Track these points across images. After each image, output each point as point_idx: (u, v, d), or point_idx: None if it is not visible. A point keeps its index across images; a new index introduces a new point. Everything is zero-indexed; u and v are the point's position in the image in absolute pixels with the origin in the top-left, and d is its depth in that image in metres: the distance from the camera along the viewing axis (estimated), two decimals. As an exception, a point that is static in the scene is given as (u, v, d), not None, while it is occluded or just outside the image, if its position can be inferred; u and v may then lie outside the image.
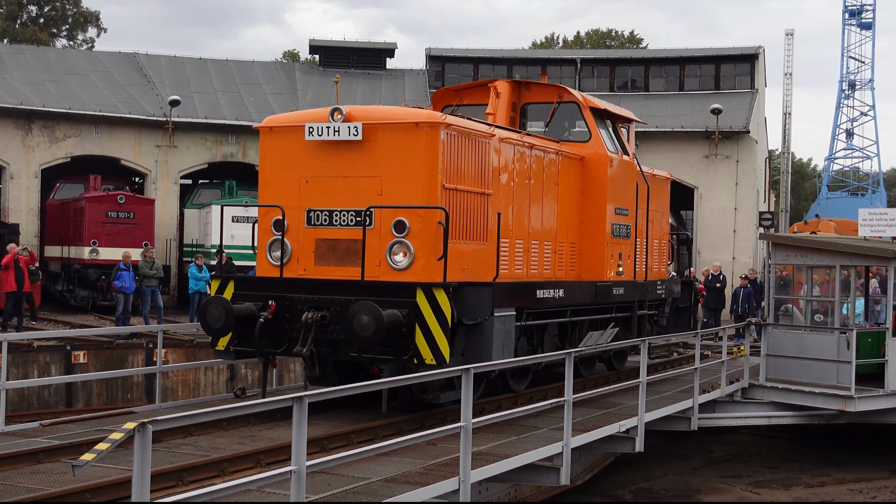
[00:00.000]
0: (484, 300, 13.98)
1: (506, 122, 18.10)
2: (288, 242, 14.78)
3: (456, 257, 14.24)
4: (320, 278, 14.42)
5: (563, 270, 17.64)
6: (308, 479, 9.20)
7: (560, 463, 12.79)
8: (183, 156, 43.28)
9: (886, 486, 19.91)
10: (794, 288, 22.88)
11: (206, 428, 13.38)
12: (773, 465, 21.63)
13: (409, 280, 13.76)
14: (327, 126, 14.26)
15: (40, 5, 69.00)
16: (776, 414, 20.30)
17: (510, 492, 15.76)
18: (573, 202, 17.87)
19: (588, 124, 18.09)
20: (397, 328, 13.36)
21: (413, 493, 10.30)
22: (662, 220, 21.89)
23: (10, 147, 40.20)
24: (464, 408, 10.69)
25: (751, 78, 49.04)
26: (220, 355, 15.18)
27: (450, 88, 19.76)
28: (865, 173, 65.91)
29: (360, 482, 10.58)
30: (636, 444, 15.19)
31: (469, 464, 10.74)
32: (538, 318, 16.38)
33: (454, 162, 14.38)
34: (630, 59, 51.16)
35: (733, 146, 43.95)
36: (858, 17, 63.30)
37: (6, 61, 44.42)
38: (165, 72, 47.01)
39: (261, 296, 14.44)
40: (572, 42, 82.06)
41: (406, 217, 13.93)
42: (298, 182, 14.75)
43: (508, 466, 12.10)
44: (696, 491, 19.17)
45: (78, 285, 35.68)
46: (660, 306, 21.06)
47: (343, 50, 52.01)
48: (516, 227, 16.15)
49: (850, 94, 64.49)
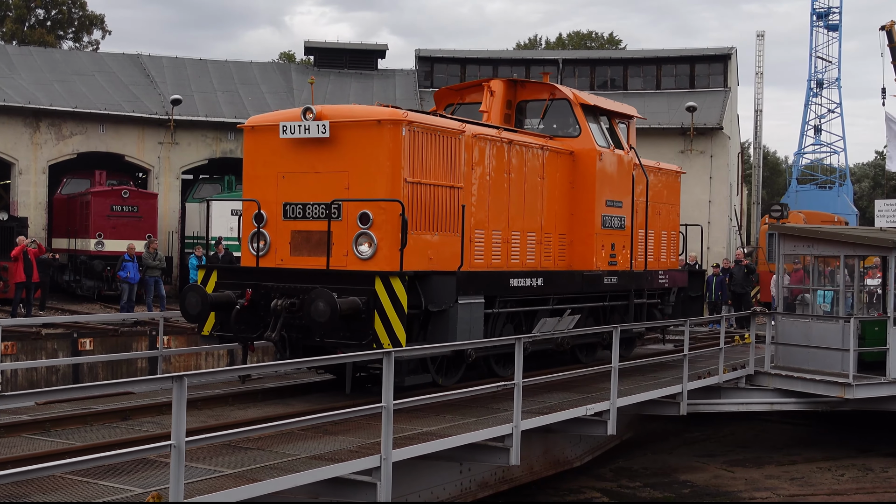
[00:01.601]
0: (448, 288, 14.13)
1: (500, 119, 18.18)
2: (267, 234, 15.13)
3: (422, 247, 14.50)
4: (292, 268, 14.70)
5: (550, 260, 17.62)
6: (236, 454, 10.06)
7: (510, 444, 12.78)
8: (184, 152, 43.33)
9: (853, 463, 19.96)
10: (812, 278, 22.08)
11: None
12: (744, 444, 21.67)
13: (372, 269, 13.94)
14: (299, 125, 14.53)
15: (47, 9, 68.81)
16: (778, 400, 19.97)
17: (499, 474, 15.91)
18: (562, 195, 17.83)
19: (578, 120, 18.06)
20: (357, 314, 13.56)
21: (331, 467, 10.40)
22: (671, 212, 21.67)
23: (19, 144, 40.26)
24: (385, 390, 10.69)
25: (724, 77, 49.17)
26: (206, 340, 15.62)
27: (451, 88, 19.81)
28: (833, 167, 66.02)
29: (285, 458, 10.63)
30: (608, 427, 15.10)
31: (391, 442, 10.72)
32: (522, 306, 16.36)
33: (418, 157, 14.49)
34: (609, 60, 51.24)
35: (707, 142, 44.11)
36: (825, 19, 63.39)
37: (15, 62, 44.38)
38: (167, 72, 47.02)
39: (239, 284, 14.76)
40: (554, 43, 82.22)
41: (370, 209, 14.12)
42: (276, 177, 15.04)
43: (451, 444, 12.21)
44: (672, 469, 19.19)
45: (84, 276, 35.82)
46: (664, 295, 20.85)
47: (336, 51, 52.00)
48: (493, 218, 16.20)
49: (818, 93, 64.59)
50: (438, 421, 13.08)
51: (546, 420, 14.17)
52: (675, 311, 21.12)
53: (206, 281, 15.17)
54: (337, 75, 50.51)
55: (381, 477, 10.67)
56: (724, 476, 19.01)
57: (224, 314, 14.76)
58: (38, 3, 68.37)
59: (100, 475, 9.54)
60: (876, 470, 19.58)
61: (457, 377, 15.41)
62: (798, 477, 19.05)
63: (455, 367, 15.41)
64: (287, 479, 9.88)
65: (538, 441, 16.57)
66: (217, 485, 9.45)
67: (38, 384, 22.56)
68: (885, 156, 59.53)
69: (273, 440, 11.26)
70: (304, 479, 10.05)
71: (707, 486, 18.24)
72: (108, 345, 23.75)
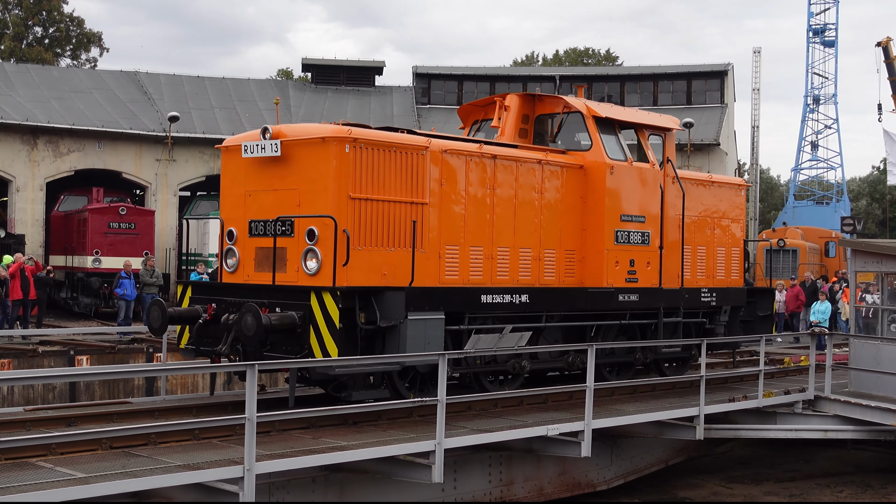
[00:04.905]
0: (398, 304, 14.08)
1: (514, 134, 17.92)
2: (237, 250, 15.38)
3: (375, 263, 14.46)
4: (248, 283, 14.98)
5: (554, 277, 17.10)
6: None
7: (433, 461, 12.59)
8: (182, 169, 43.28)
9: (852, 480, 19.86)
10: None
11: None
12: (743, 462, 21.57)
13: (315, 284, 14.00)
14: (257, 144, 14.77)
15: (45, 26, 68.92)
16: (834, 428, 18.48)
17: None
18: (570, 210, 17.32)
19: (590, 133, 17.59)
20: (293, 328, 13.74)
21: (196, 473, 10.79)
22: (729, 227, 20.54)
23: (16, 161, 40.21)
24: (248, 402, 10.80)
25: (721, 93, 49.21)
26: (182, 352, 15.84)
27: (474, 104, 19.50)
28: (830, 183, 66.04)
29: (160, 465, 11.07)
30: (582, 449, 14.56)
31: (253, 454, 10.82)
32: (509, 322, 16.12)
33: (367, 173, 14.43)
34: (606, 76, 51.31)
35: (704, 158, 44.07)
36: (822, 36, 63.42)
37: (13, 80, 44.40)
38: (165, 89, 47.03)
39: (206, 299, 15.12)
40: (552, 60, 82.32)
41: (315, 226, 14.16)
42: (244, 196, 15.27)
43: (367, 455, 12.30)
44: (671, 486, 19.08)
45: (81, 293, 35.63)
46: (714, 314, 19.95)
47: (334, 68, 52.04)
48: (472, 234, 15.87)
49: (814, 109, 64.57)
50: (364, 436, 13.10)
51: (494, 437, 13.85)
52: (730, 331, 20.16)
53: (184, 296, 15.61)
54: (334, 92, 50.52)
55: (243, 486, 10.78)
56: (723, 493, 18.82)
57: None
58: (36, 21, 68.49)
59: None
60: (875, 486, 19.49)
61: (435, 392, 15.11)
62: (797, 493, 18.92)
63: (433, 382, 14.96)
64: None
65: (550, 462, 16.13)
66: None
67: (35, 402, 22.47)
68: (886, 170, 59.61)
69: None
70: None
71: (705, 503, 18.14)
72: (104, 361, 23.60)
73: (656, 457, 18.63)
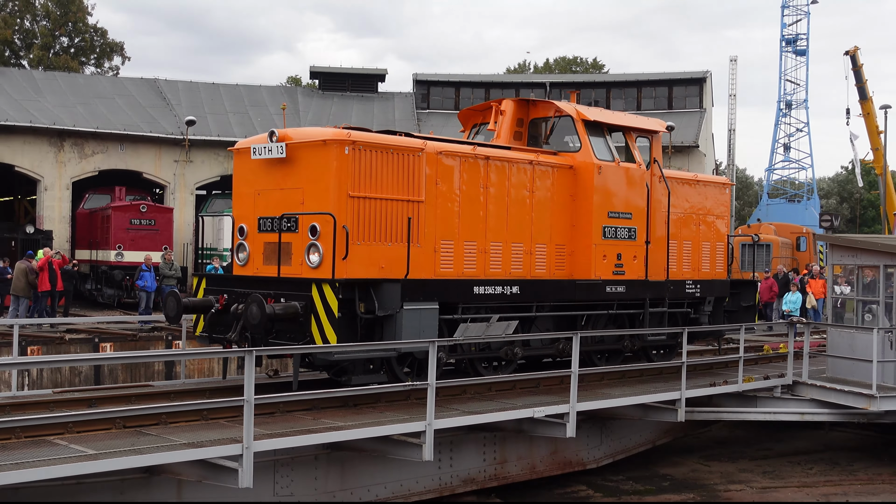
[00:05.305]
0: (394, 295, 14.08)
1: (509, 136, 17.85)
2: (247, 245, 15.41)
3: (373, 256, 14.45)
4: (256, 275, 15.03)
5: (545, 269, 16.95)
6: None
7: (423, 441, 12.53)
8: (198, 169, 43.22)
9: (821, 458, 19.85)
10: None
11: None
12: (721, 441, 21.56)
13: (317, 276, 14.00)
14: (264, 146, 14.78)
15: (71, 37, 68.81)
16: (809, 411, 18.37)
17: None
18: (560, 207, 17.23)
19: (579, 135, 17.50)
20: (296, 317, 13.75)
21: (198, 450, 10.82)
22: (714, 223, 20.38)
23: (44, 162, 40.16)
24: (246, 385, 10.78)
25: (700, 99, 49.15)
26: (198, 339, 15.85)
27: (474, 108, 19.35)
28: (801, 182, 66.06)
29: (166, 443, 11.08)
30: (567, 429, 14.54)
31: (251, 433, 10.81)
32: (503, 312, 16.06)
33: (365, 173, 14.40)
34: (593, 83, 51.27)
35: (685, 159, 44.02)
36: (794, 45, 63.46)
37: (41, 87, 44.33)
38: (182, 95, 46.96)
39: (219, 290, 15.23)
40: (542, 68, 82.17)
41: (317, 222, 14.15)
42: (253, 195, 15.28)
43: (361, 435, 12.23)
44: (652, 463, 19.05)
45: (105, 285, 35.64)
46: (698, 305, 19.81)
47: (339, 75, 51.94)
48: (465, 229, 15.80)
49: (787, 113, 64.58)
50: (361, 417, 13.02)
51: (482, 419, 13.78)
52: (714, 320, 20.10)
53: (198, 287, 15.71)
54: (340, 98, 50.42)
55: (242, 463, 10.76)
56: (701, 470, 18.81)
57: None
58: (63, 32, 68.40)
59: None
60: (842, 464, 19.48)
61: (437, 373, 15.00)
62: (770, 470, 18.94)
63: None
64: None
65: (543, 442, 16.11)
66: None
67: (62, 385, 22.42)
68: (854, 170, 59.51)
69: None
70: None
71: (685, 480, 18.05)
72: (126, 348, 23.59)
73: (644, 437, 18.54)
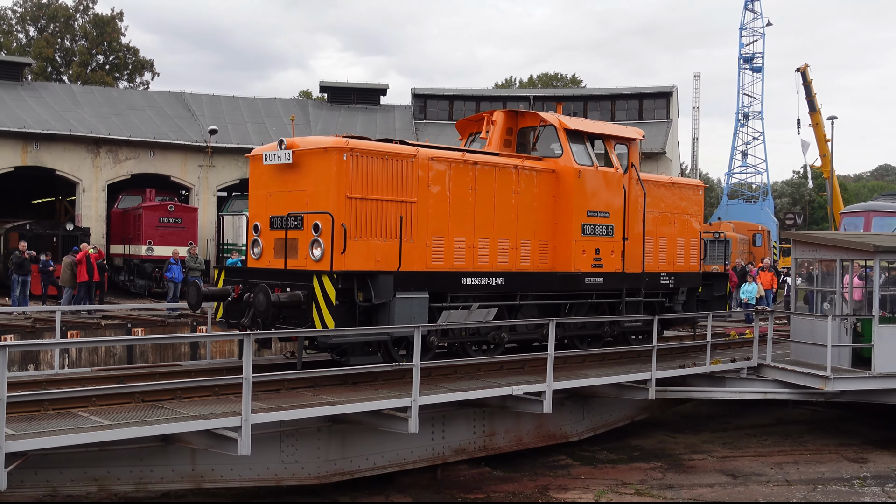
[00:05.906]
0: (388, 285, 14.20)
1: (500, 144, 17.86)
2: (261, 241, 15.57)
3: (369, 251, 14.52)
4: (267, 267, 15.19)
5: (529, 263, 16.97)
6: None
7: (409, 415, 12.57)
8: (220, 173, 43.21)
9: (775, 430, 19.91)
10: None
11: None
12: (685, 415, 21.60)
13: (318, 269, 14.09)
14: (274, 153, 14.94)
15: (106, 55, 68.76)
16: (771, 390, 18.29)
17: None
18: (544, 207, 17.22)
19: (561, 143, 17.47)
20: (299, 305, 13.84)
21: (202, 422, 10.86)
22: (689, 221, 20.26)
23: (82, 167, 40.14)
24: (245, 365, 10.86)
25: (667, 110, 49.17)
26: (219, 324, 16.26)
27: (469, 119, 19.27)
28: (757, 185, 66.16)
29: (176, 415, 11.12)
30: (544, 406, 14.51)
31: (249, 407, 10.88)
32: (493, 301, 16.09)
33: (362, 176, 14.47)
34: (572, 96, 51.18)
35: (653, 164, 44.04)
36: (751, 63, 63.57)
37: (80, 99, 44.27)
38: (206, 107, 46.89)
39: (235, 281, 15.41)
40: (527, 83, 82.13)
41: (319, 220, 14.25)
42: (266, 196, 15.41)
43: (353, 409, 12.34)
44: (626, 435, 19.08)
45: (137, 276, 35.72)
46: (672, 295, 19.71)
47: (345, 89, 51.89)
48: (455, 227, 15.81)
49: (744, 123, 64.65)
50: (357, 394, 13.02)
51: (470, 395, 13.86)
52: (687, 309, 20.00)
53: (218, 278, 15.90)
54: (346, 110, 50.38)
55: (241, 434, 10.80)
56: (668, 441, 18.82)
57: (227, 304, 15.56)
58: (99, 51, 68.33)
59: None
60: (794, 436, 19.54)
61: (429, 355, 15.07)
62: (729, 441, 18.98)
63: (426, 350, 14.81)
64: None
65: (529, 417, 16.11)
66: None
67: (98, 364, 22.44)
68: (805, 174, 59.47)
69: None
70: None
71: (654, 450, 18.07)
72: (156, 332, 23.61)
73: (623, 414, 18.41)
